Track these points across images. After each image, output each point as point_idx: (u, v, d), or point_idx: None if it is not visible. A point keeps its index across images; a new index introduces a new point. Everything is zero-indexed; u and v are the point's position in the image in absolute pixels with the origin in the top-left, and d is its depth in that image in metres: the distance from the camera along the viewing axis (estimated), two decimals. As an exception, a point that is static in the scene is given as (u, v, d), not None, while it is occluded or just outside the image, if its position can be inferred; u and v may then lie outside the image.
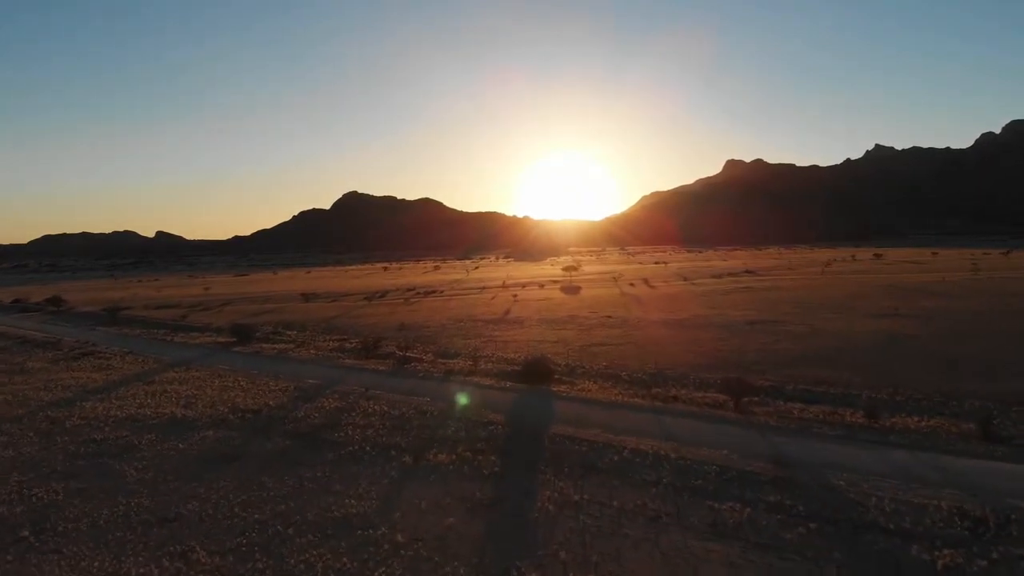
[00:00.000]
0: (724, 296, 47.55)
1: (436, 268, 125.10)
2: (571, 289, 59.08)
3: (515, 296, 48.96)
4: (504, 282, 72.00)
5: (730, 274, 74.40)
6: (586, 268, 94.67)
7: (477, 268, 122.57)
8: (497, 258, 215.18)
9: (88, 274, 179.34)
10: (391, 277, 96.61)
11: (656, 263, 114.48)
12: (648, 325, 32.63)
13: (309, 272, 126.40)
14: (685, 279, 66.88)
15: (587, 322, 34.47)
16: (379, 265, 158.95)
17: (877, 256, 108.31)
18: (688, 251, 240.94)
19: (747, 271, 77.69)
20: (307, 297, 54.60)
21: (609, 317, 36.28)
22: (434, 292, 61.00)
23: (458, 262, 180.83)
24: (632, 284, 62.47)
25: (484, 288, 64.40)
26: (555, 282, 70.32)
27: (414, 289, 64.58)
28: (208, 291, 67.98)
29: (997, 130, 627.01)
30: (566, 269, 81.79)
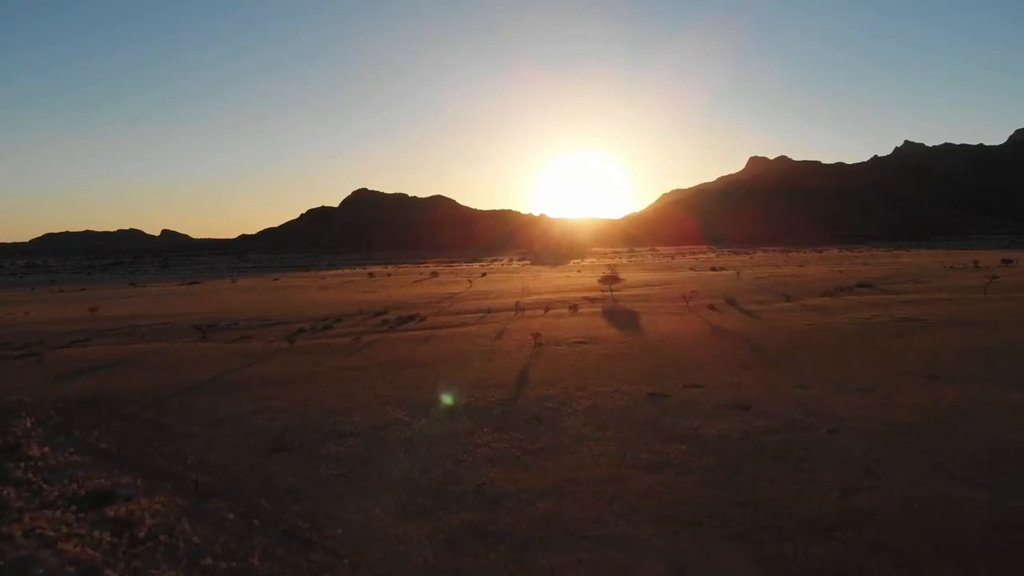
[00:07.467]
0: (899, 340, 28.58)
1: (433, 275, 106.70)
2: (621, 316, 40.43)
3: (537, 336, 30.51)
4: (519, 301, 53.53)
5: (839, 288, 55.32)
6: (624, 276, 75.73)
7: (485, 275, 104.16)
8: (511, 260, 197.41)
9: (46, 277, 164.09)
10: (370, 288, 78.64)
11: (714, 270, 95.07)
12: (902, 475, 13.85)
13: (277, 279, 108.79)
14: (788, 299, 47.81)
15: (709, 433, 15.86)
16: (368, 269, 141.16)
17: (1006, 262, 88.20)
18: (733, 252, 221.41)
19: (861, 285, 58.47)
20: (205, 332, 36.62)
21: (747, 409, 17.62)
22: (413, 318, 42.78)
23: (466, 265, 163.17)
24: (712, 307, 43.64)
25: (489, 311, 46.01)
26: (591, 299, 51.80)
27: (384, 313, 46.38)
28: (95, 314, 50.42)
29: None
30: (604, 280, 63.12)
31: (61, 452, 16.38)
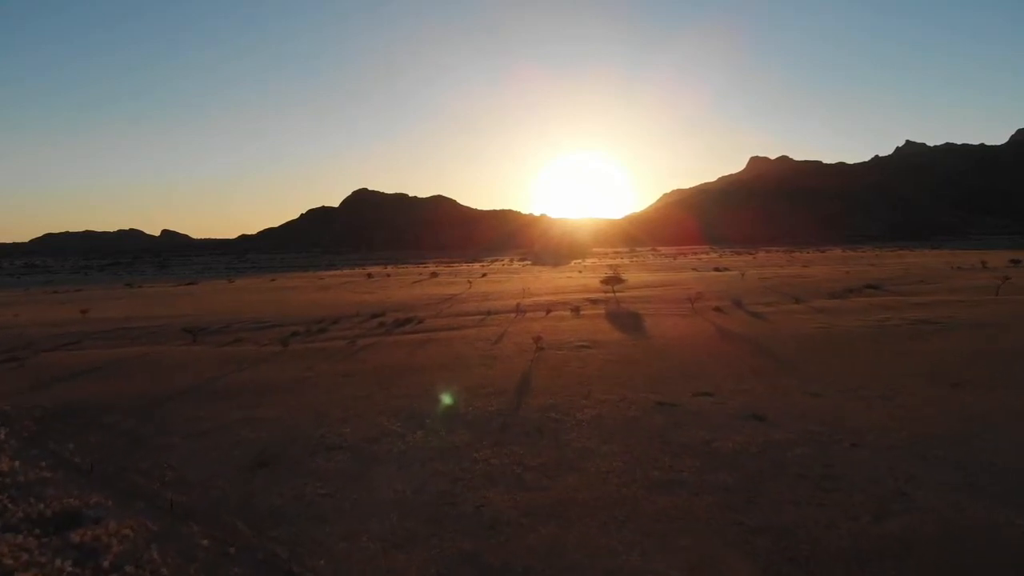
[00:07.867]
0: (913, 343, 27.61)
1: (432, 276, 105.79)
2: (625, 318, 39.44)
3: (538, 340, 29.52)
4: (519, 303, 52.57)
5: (848, 290, 54.32)
6: (627, 276, 74.71)
7: (485, 276, 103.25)
8: (512, 260, 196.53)
9: (43, 278, 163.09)
10: (368, 289, 77.66)
11: (718, 270, 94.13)
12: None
13: (274, 280, 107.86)
14: (796, 300, 46.78)
15: (724, 447, 14.88)
16: (367, 270, 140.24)
17: (1014, 263, 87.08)
18: (735, 252, 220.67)
19: (870, 286, 57.46)
20: (197, 335, 35.68)
21: (762, 420, 16.60)
22: (411, 320, 41.83)
23: (466, 265, 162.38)
24: (718, 309, 42.64)
25: (489, 313, 45.05)
26: (593, 301, 50.79)
27: (382, 315, 45.40)
28: (87, 316, 49.47)
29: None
30: (606, 281, 62.13)
31: (32, 467, 15.40)
